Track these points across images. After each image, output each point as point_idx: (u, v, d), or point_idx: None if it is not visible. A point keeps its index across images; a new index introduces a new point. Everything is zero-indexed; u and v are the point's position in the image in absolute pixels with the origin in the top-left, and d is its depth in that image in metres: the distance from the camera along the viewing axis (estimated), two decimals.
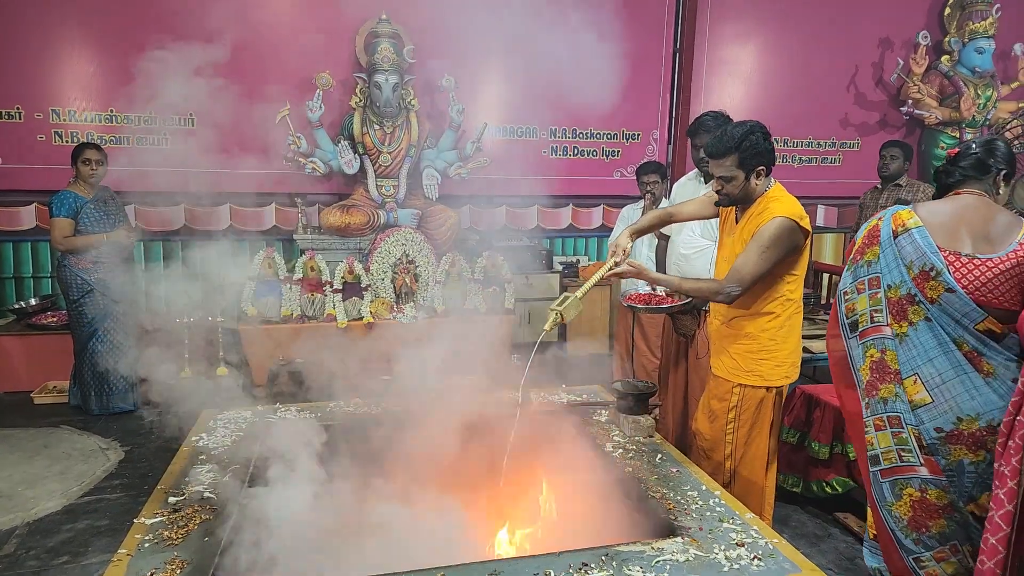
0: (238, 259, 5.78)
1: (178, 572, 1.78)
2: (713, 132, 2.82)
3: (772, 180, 2.61)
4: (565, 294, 2.61)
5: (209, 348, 4.99)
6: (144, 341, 4.92)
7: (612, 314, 6.20)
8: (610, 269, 2.67)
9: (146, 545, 1.90)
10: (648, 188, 4.30)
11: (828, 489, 3.43)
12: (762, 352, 2.64)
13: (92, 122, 5.39)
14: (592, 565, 1.86)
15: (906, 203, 4.99)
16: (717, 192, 2.62)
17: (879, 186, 5.30)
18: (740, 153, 2.47)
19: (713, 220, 3.01)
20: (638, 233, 2.86)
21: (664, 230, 3.93)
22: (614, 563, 1.87)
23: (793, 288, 2.62)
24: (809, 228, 2.54)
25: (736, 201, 2.62)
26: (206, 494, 2.20)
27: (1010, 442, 1.86)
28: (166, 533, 1.96)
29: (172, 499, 2.16)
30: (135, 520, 2.03)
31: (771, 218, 2.47)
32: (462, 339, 3.26)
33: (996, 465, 1.92)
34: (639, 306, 3.14)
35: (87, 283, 4.41)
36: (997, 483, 1.89)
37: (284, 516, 2.09)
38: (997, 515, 1.87)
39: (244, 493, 2.22)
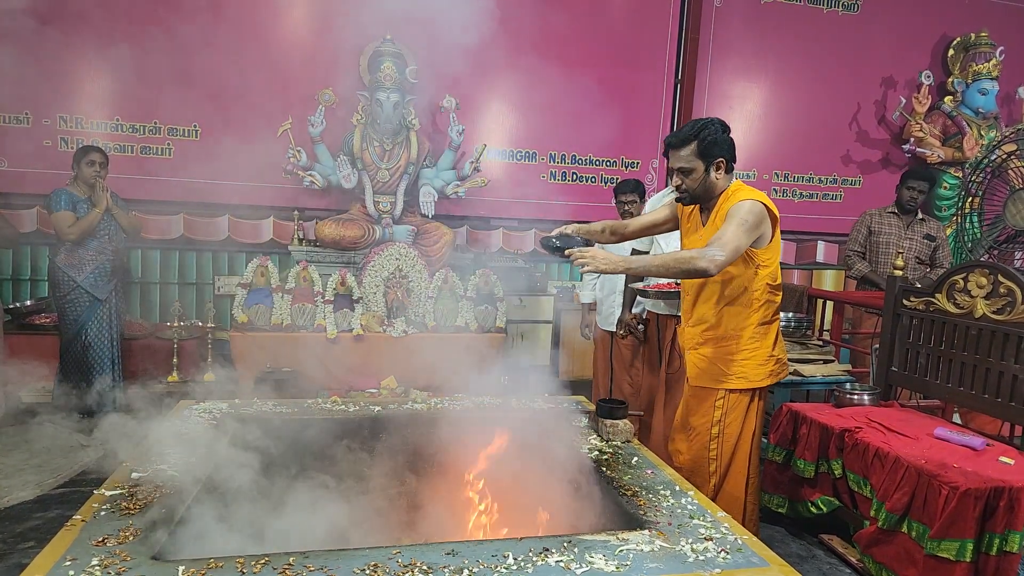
0: (233, 269, 5.85)
1: (130, 539, 1.76)
2: None
3: (733, 177, 2.57)
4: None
5: (198, 354, 4.98)
6: (131, 344, 4.95)
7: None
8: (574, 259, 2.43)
9: (102, 513, 1.88)
10: (625, 207, 4.19)
11: (813, 509, 3.35)
12: (742, 352, 2.59)
13: (98, 130, 5.48)
14: (553, 550, 1.83)
15: (932, 239, 5.01)
16: (676, 188, 2.55)
17: (896, 213, 5.14)
18: (699, 142, 2.44)
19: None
20: (586, 232, 2.69)
21: (640, 245, 3.91)
22: (576, 549, 1.83)
23: (766, 278, 2.56)
24: (777, 214, 2.49)
25: (696, 198, 2.56)
26: (170, 472, 2.18)
27: None
28: (124, 504, 1.94)
29: (135, 475, 2.15)
30: (95, 491, 2.01)
31: (740, 200, 2.42)
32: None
33: None
34: (650, 291, 3.23)
35: (73, 281, 4.43)
36: None
37: (242, 499, 2.07)
38: None
39: (207, 474, 2.20)
